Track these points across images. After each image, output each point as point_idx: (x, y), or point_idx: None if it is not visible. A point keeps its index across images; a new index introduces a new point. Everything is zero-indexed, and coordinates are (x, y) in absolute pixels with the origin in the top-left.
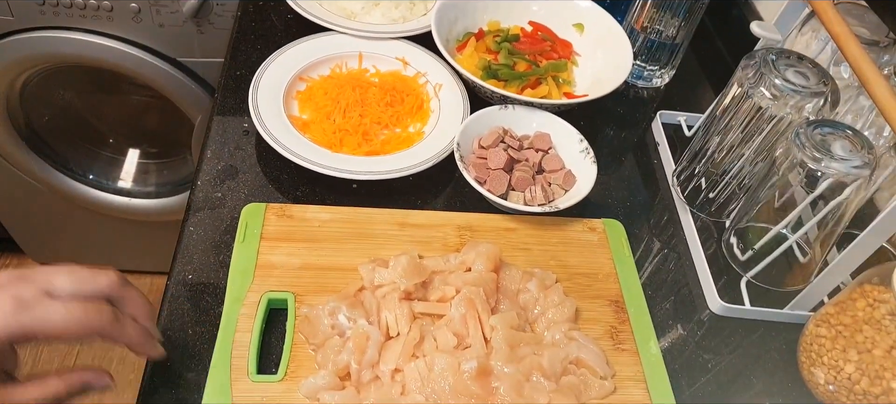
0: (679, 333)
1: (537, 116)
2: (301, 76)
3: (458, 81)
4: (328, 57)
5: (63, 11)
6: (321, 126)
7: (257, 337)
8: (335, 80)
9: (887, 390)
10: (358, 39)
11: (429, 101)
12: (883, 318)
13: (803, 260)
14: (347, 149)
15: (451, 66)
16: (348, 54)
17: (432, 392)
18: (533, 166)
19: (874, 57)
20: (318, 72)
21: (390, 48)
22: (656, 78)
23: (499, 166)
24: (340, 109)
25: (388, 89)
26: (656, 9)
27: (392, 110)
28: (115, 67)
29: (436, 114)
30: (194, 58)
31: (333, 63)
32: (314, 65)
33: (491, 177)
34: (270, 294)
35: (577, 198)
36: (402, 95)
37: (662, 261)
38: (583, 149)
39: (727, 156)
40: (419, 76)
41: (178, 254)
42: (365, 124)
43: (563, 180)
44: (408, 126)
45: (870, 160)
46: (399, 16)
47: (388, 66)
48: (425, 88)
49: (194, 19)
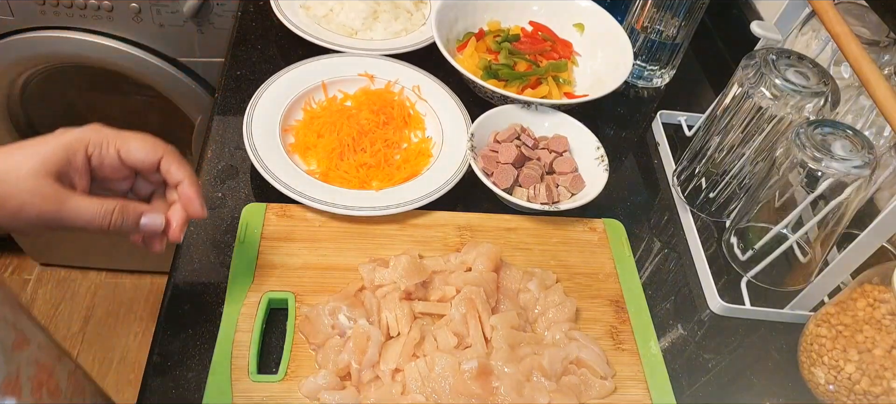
0: (679, 333)
1: (557, 119)
2: (286, 125)
3: (432, 77)
4: (309, 89)
5: (63, 11)
6: (339, 172)
7: (258, 337)
8: (320, 119)
9: (888, 390)
10: (356, 59)
11: (414, 106)
12: (883, 318)
13: (803, 260)
14: (379, 183)
15: (453, 72)
16: (314, 88)
17: (433, 392)
18: (543, 166)
19: (874, 57)
20: (299, 106)
21: (351, 67)
22: (657, 78)
23: (508, 161)
24: (349, 147)
25: (376, 109)
26: (656, 9)
27: (391, 127)
28: (116, 67)
29: (431, 117)
30: (194, 58)
31: (307, 98)
32: (300, 98)
33: (498, 171)
34: (271, 294)
35: (581, 201)
36: (389, 110)
37: (663, 261)
38: (598, 156)
39: (727, 156)
40: (390, 85)
41: (178, 254)
42: (381, 152)
43: (571, 183)
44: (410, 137)
45: (870, 160)
46: (401, 28)
47: (355, 86)
48: (403, 94)
49: (194, 19)
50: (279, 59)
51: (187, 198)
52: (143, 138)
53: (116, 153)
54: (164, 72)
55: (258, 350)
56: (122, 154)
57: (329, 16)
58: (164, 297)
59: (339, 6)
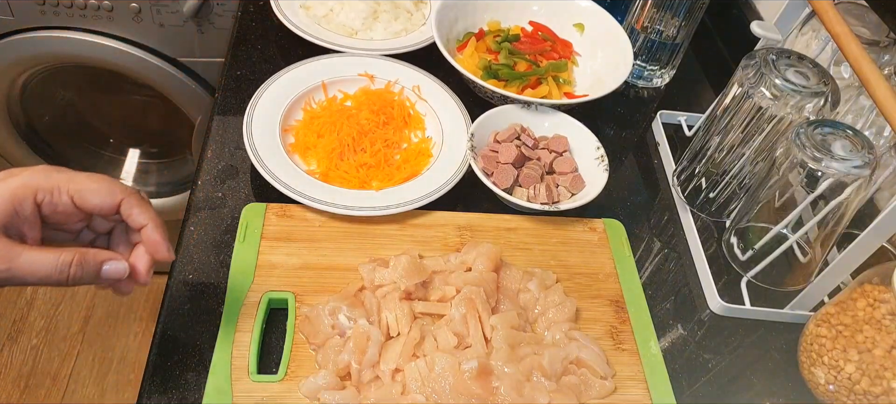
0: (679, 333)
1: (557, 119)
2: (286, 125)
3: (432, 77)
4: (309, 89)
5: (63, 11)
6: (339, 172)
7: (258, 336)
8: (320, 119)
9: (888, 390)
10: (356, 59)
11: (414, 106)
12: (883, 318)
13: (803, 259)
14: (379, 183)
15: (453, 71)
16: (314, 88)
17: (433, 391)
18: (543, 166)
19: (874, 57)
20: (299, 106)
21: (351, 67)
22: (656, 78)
23: (508, 161)
24: (349, 147)
25: (376, 109)
26: (656, 9)
27: (391, 127)
28: (116, 67)
29: (431, 117)
30: (194, 58)
31: (308, 97)
32: (300, 98)
33: (498, 171)
34: (271, 294)
35: (581, 201)
36: (389, 110)
37: (663, 261)
38: (598, 156)
39: (727, 156)
40: (390, 85)
41: (178, 253)
42: (381, 152)
43: (571, 183)
44: (410, 137)
45: (870, 160)
46: (401, 28)
47: (355, 86)
48: (403, 94)
49: (194, 19)
50: (279, 59)
51: (153, 243)
52: (98, 181)
53: (70, 199)
54: (164, 72)
55: (258, 350)
56: (77, 201)
57: (329, 16)
58: (164, 297)
59: (339, 6)
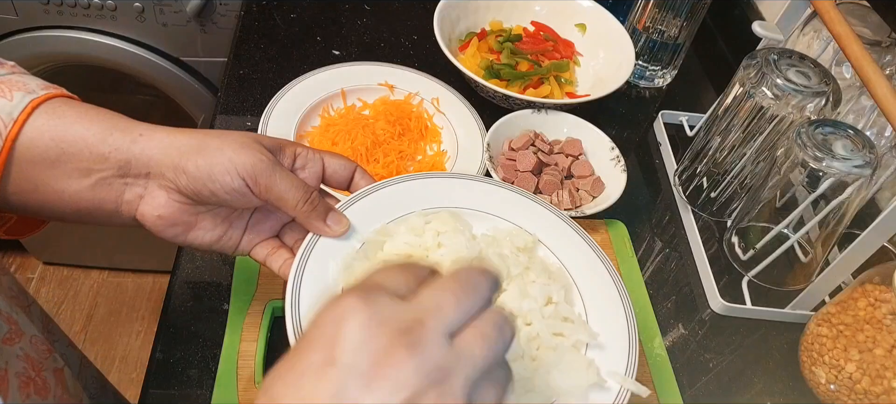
0: (680, 332)
1: (569, 121)
2: (302, 131)
3: (452, 90)
4: (324, 97)
5: (67, 11)
6: None
7: (263, 345)
8: (336, 127)
9: (888, 389)
10: (377, 68)
11: (432, 119)
12: (884, 318)
13: (804, 259)
14: None
15: (455, 72)
16: (335, 95)
17: None
18: (562, 171)
19: (876, 57)
20: (317, 112)
21: (372, 76)
22: (658, 78)
23: (527, 169)
24: (363, 157)
25: (393, 120)
26: (658, 9)
27: (407, 139)
28: (119, 67)
29: (447, 131)
30: (197, 57)
31: (325, 105)
32: (318, 104)
33: (519, 179)
34: (275, 302)
35: (604, 204)
36: (406, 121)
37: (664, 261)
38: (614, 156)
39: (729, 156)
40: (411, 97)
41: (181, 252)
42: (394, 164)
43: (592, 187)
44: (425, 150)
45: (871, 160)
46: None
47: (374, 96)
48: (422, 106)
49: (197, 19)
50: (282, 59)
51: None
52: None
53: (321, 166)
54: (167, 71)
55: (263, 359)
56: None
57: None
58: (167, 296)
59: None
